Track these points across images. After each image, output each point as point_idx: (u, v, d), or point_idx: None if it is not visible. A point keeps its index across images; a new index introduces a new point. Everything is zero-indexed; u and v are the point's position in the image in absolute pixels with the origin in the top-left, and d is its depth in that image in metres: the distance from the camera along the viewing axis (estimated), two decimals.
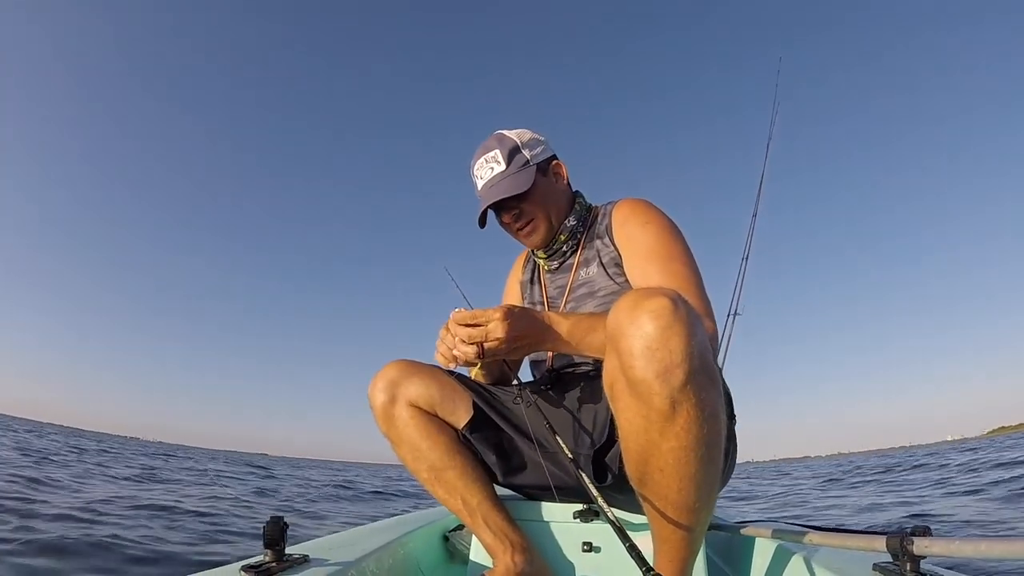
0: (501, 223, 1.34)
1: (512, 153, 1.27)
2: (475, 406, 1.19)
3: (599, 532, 1.19)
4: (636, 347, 0.71)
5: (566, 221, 1.33)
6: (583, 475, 0.88)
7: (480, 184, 1.30)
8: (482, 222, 1.31)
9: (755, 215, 2.62)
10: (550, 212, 1.30)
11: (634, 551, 0.71)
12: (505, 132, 1.32)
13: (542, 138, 1.35)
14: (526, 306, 1.21)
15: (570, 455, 0.95)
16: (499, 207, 1.29)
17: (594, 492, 0.84)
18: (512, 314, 0.94)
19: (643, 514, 0.90)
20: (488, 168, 1.28)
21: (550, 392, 1.26)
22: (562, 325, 0.98)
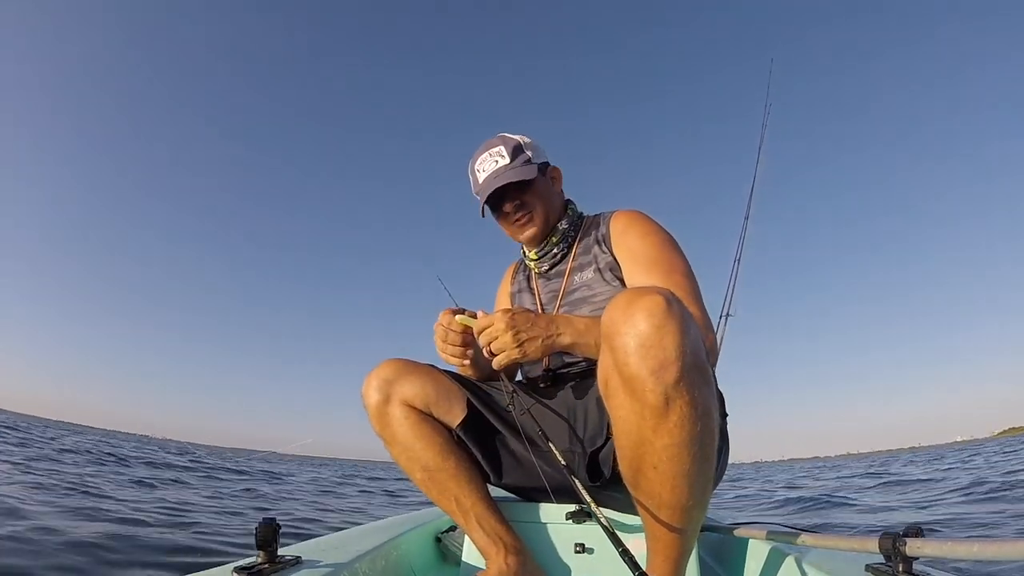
0: (500, 213, 1.36)
1: (516, 150, 1.32)
2: (469, 405, 1.18)
3: (591, 533, 1.18)
4: (630, 344, 0.72)
5: (559, 223, 1.37)
6: (575, 480, 0.88)
7: (483, 176, 1.33)
8: (485, 211, 1.35)
9: (747, 217, 2.64)
10: (547, 209, 1.35)
11: (627, 555, 0.71)
12: (507, 134, 1.37)
13: (540, 146, 1.40)
14: (528, 308, 1.23)
15: (563, 461, 0.96)
16: (501, 196, 1.32)
17: (587, 497, 0.84)
18: (514, 315, 0.98)
19: (638, 514, 0.90)
20: (492, 161, 1.32)
21: (546, 391, 1.26)
22: (577, 324, 1.00)
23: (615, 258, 1.27)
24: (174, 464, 10.13)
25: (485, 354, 1.01)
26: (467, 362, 1.12)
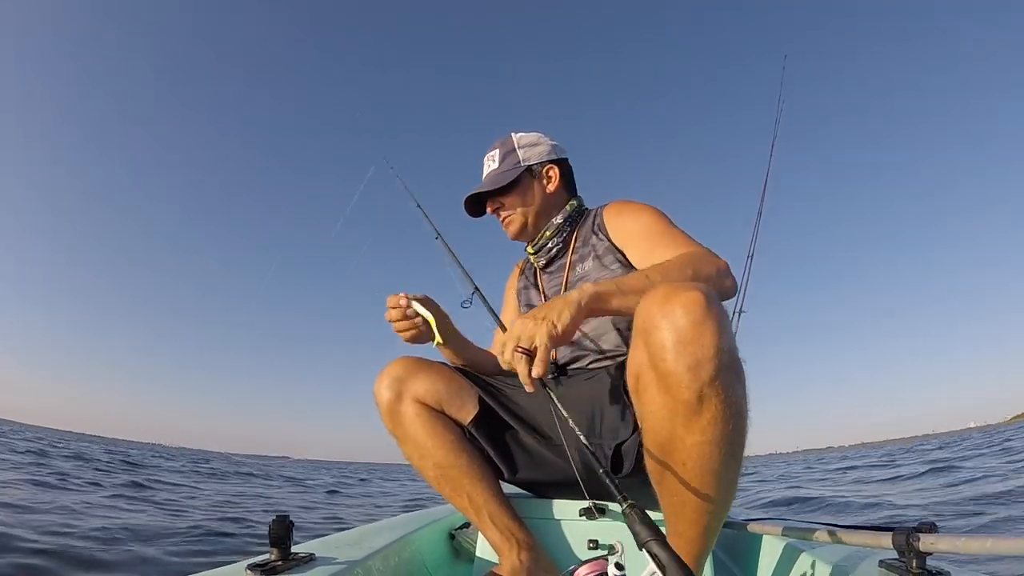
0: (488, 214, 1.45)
1: (507, 154, 1.39)
2: (481, 402, 1.19)
3: (605, 529, 1.19)
4: (668, 340, 0.71)
5: (552, 219, 1.39)
6: (603, 473, 0.84)
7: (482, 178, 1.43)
8: (472, 212, 1.44)
9: (760, 213, 2.62)
10: (528, 211, 1.38)
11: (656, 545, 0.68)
12: (514, 134, 1.43)
13: (549, 143, 1.42)
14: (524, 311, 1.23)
15: (589, 447, 0.85)
16: (484, 198, 1.40)
17: (614, 491, 0.82)
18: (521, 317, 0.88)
19: (654, 509, 0.88)
20: (488, 165, 1.42)
21: (559, 384, 1.26)
22: (590, 285, 0.90)
23: (612, 243, 1.28)
24: (185, 469, 10.62)
25: (518, 364, 0.85)
26: (419, 333, 1.15)
